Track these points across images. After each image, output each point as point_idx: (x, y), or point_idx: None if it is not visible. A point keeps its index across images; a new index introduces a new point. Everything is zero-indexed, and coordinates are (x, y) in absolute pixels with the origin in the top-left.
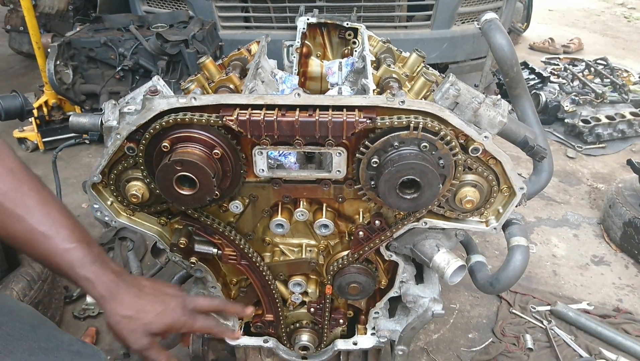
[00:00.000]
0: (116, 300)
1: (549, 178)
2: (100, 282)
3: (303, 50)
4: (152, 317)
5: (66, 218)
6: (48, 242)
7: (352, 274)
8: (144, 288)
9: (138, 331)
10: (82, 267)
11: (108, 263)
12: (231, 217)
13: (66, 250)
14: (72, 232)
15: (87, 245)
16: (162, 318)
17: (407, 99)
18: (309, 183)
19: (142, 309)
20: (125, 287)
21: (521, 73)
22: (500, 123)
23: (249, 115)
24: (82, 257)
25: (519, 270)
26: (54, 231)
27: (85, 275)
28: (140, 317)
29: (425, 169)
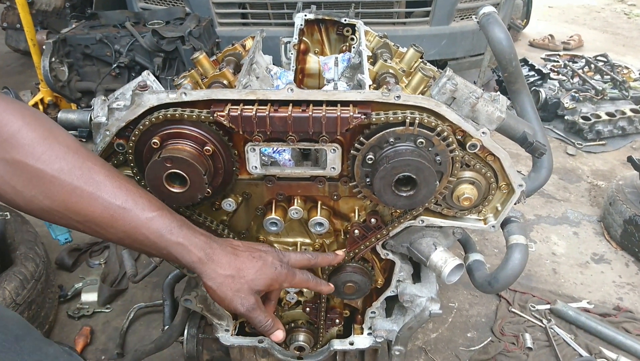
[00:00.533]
0: (214, 262)
1: (549, 175)
2: (194, 245)
3: (301, 47)
4: (254, 273)
5: (138, 188)
6: (128, 214)
7: (348, 273)
8: (238, 247)
9: (243, 290)
10: (171, 232)
11: (194, 228)
12: (224, 215)
13: (149, 219)
14: (149, 201)
15: (169, 212)
16: (264, 274)
17: (403, 94)
18: (303, 181)
19: (242, 267)
20: (220, 248)
21: (520, 68)
22: (499, 119)
23: (240, 110)
24: (168, 222)
25: (518, 269)
26: (131, 202)
27: (177, 240)
28: (243, 275)
29: (421, 166)
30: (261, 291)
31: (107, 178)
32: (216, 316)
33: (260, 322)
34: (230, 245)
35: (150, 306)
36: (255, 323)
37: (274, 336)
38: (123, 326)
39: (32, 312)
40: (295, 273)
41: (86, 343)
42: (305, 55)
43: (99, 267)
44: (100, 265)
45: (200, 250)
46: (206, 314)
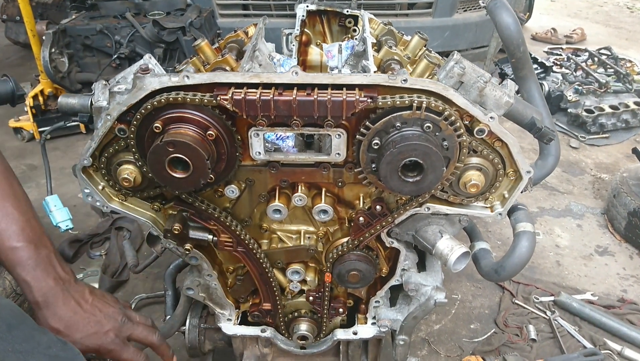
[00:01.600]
0: (49, 310)
1: (556, 162)
2: (37, 288)
3: (302, 39)
4: (81, 337)
5: (21, 214)
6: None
7: (352, 261)
8: (85, 304)
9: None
10: (23, 268)
11: (55, 268)
12: (227, 202)
13: (12, 248)
14: (22, 230)
15: (35, 247)
16: (90, 340)
17: (410, 77)
18: (307, 167)
19: (73, 326)
20: (63, 298)
21: (528, 54)
22: (507, 104)
23: (244, 94)
24: (26, 258)
25: (525, 257)
26: (3, 226)
27: (24, 278)
28: (69, 333)
29: (428, 151)
30: (84, 352)
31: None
32: (218, 305)
33: None
34: (78, 298)
35: (152, 297)
36: None
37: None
38: None
39: None
40: (125, 350)
41: None
42: (307, 46)
43: (100, 258)
44: (101, 256)
45: (41, 295)
46: (208, 303)
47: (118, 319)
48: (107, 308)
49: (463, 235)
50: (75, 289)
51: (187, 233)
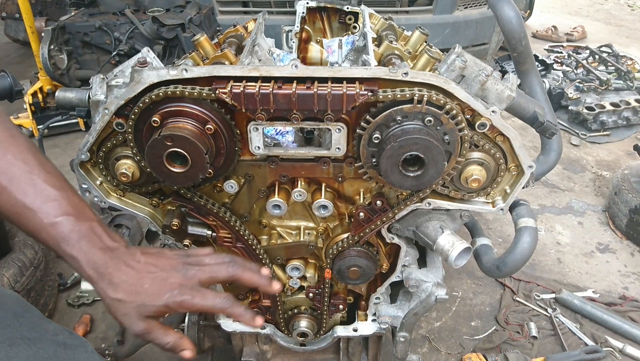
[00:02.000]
0: (105, 281)
1: (558, 157)
2: (87, 261)
3: (302, 36)
4: (145, 299)
5: (55, 189)
6: (33, 215)
7: (352, 257)
8: (138, 264)
9: (131, 315)
10: (67, 243)
11: (101, 237)
12: (226, 197)
13: (52, 224)
14: (59, 204)
15: (76, 218)
16: (156, 299)
17: (411, 71)
18: (307, 162)
19: (134, 290)
20: (115, 266)
21: (530, 48)
22: (509, 98)
23: (243, 87)
24: (68, 232)
25: (527, 252)
26: (39, 203)
27: (71, 253)
28: (132, 300)
29: (429, 145)
30: (153, 316)
31: (23, 174)
32: None
33: (161, 344)
34: (131, 262)
35: None
36: (156, 344)
37: (183, 356)
38: None
39: (31, 300)
40: (202, 297)
41: (86, 331)
42: (307, 44)
43: None
44: None
45: (92, 268)
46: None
47: (179, 268)
48: (163, 262)
49: (464, 231)
50: (126, 253)
51: (186, 229)
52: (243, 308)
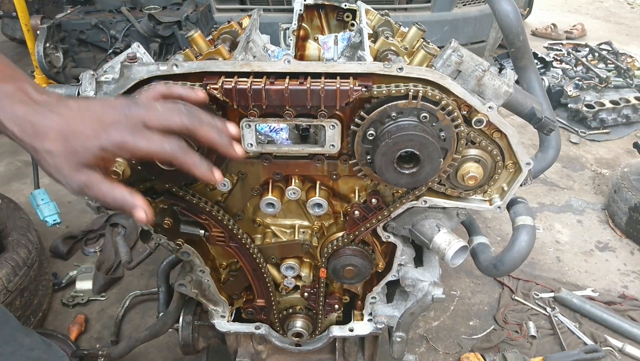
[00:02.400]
0: (29, 133)
1: (556, 154)
2: (8, 117)
3: (300, 33)
4: (76, 143)
5: None
6: None
7: (348, 256)
8: (69, 110)
9: (64, 167)
10: None
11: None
12: (219, 195)
13: None
14: None
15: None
16: (89, 141)
17: (406, 66)
18: (301, 159)
19: (63, 136)
20: (40, 114)
21: (527, 43)
22: (506, 94)
23: (234, 83)
24: None
25: (525, 251)
26: None
27: None
28: (62, 147)
29: (425, 141)
30: (91, 163)
31: None
32: (211, 302)
33: (106, 201)
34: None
35: (146, 294)
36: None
37: (136, 216)
38: (118, 314)
39: (24, 300)
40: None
41: (80, 331)
42: (304, 41)
43: (94, 255)
44: (96, 252)
45: (13, 123)
46: (201, 300)
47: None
48: (100, 104)
49: (462, 230)
50: (56, 103)
51: (178, 227)
52: (198, 157)
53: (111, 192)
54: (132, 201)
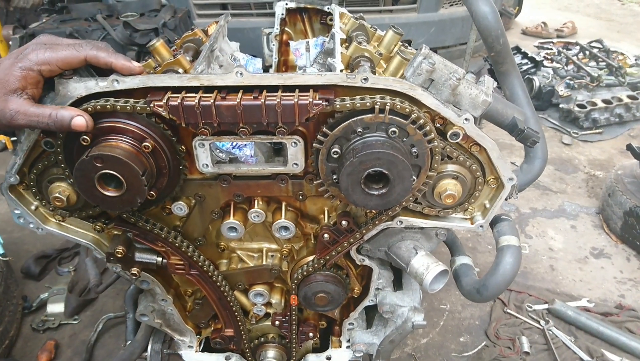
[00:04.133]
0: None
1: (543, 165)
2: None
3: (283, 38)
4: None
5: None
6: None
7: (319, 283)
8: None
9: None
10: None
11: None
12: (177, 220)
13: None
14: None
15: None
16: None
17: (372, 76)
18: (263, 180)
19: None
20: None
21: (508, 46)
22: (484, 103)
23: (181, 99)
24: None
25: (510, 275)
26: None
27: None
28: None
29: (394, 159)
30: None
31: None
32: (177, 331)
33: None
34: None
35: (120, 317)
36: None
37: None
38: (90, 339)
39: None
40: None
41: (50, 358)
42: (288, 46)
43: (68, 275)
44: (70, 272)
45: None
46: (166, 330)
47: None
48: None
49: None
50: None
51: (133, 256)
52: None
53: (41, 110)
54: (65, 112)
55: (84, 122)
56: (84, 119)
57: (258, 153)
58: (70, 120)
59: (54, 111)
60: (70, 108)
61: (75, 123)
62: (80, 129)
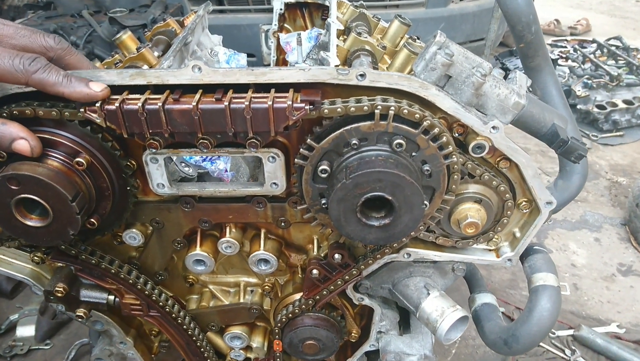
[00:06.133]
0: None
1: (583, 182)
2: None
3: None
4: None
5: None
6: None
7: (307, 328)
8: None
9: None
10: None
11: None
12: (132, 250)
13: None
14: None
15: None
16: None
17: (370, 71)
18: (235, 202)
19: None
20: None
21: (542, 35)
22: (516, 106)
23: (120, 102)
24: None
25: (547, 324)
26: None
27: None
28: None
29: (400, 181)
30: None
31: None
32: None
33: None
34: None
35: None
36: None
37: (17, 149)
38: None
39: None
40: None
41: None
42: None
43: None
44: None
45: None
46: None
47: None
48: None
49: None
50: None
51: (78, 295)
52: (63, 72)
53: None
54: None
55: (27, 146)
56: (27, 144)
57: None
58: (12, 144)
59: None
60: (13, 125)
61: (17, 148)
62: (23, 152)
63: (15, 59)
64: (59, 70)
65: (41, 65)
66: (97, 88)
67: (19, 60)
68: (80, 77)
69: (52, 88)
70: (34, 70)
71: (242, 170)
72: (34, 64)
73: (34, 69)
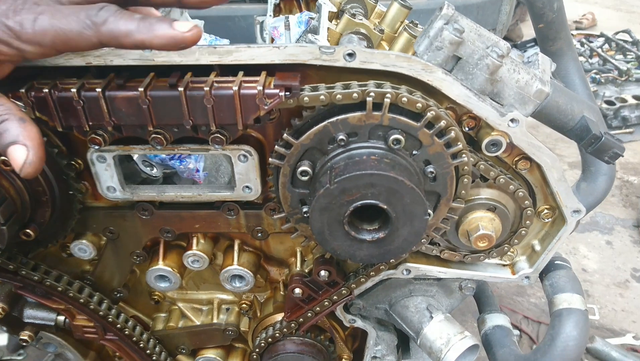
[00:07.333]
0: None
1: (610, 185)
2: None
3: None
4: None
5: None
6: None
7: (289, 354)
8: None
9: None
10: None
11: None
12: (86, 264)
13: None
14: None
15: None
16: None
17: (361, 50)
18: (203, 209)
19: None
20: None
21: (564, 14)
22: (539, 95)
23: (50, 88)
24: None
25: (573, 355)
26: None
27: None
28: None
29: (397, 186)
30: None
31: None
32: None
33: None
34: None
35: None
36: None
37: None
38: None
39: None
40: None
41: None
42: None
43: None
44: None
45: None
46: None
47: None
48: None
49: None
50: None
51: (21, 315)
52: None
53: None
54: None
55: (22, 157)
56: (25, 154)
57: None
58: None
59: None
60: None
61: (11, 157)
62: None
63: (80, 13)
64: (132, 14)
65: (110, 12)
66: (183, 28)
67: (84, 14)
68: (161, 18)
69: (127, 39)
70: (102, 21)
71: (223, 169)
72: (101, 13)
73: (102, 19)
